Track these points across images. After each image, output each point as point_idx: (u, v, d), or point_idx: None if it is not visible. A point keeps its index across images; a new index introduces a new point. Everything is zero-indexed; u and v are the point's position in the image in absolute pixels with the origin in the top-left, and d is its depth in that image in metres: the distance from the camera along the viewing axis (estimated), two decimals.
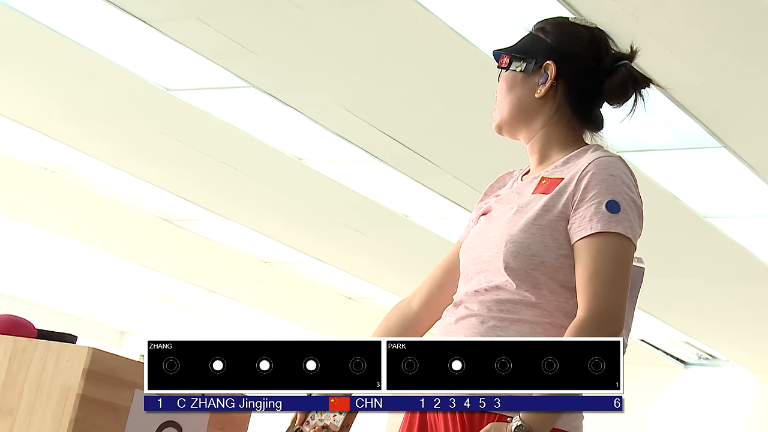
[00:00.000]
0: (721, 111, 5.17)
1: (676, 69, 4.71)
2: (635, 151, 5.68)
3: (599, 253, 1.99)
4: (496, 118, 2.23)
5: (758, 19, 4.28)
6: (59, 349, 2.53)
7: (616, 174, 2.05)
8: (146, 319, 13.24)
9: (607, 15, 4.33)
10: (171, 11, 5.01)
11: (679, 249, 7.14)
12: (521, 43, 2.22)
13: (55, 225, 9.35)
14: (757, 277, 7.42)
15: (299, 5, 4.73)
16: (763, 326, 8.60)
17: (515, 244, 2.05)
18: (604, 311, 1.96)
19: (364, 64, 5.28)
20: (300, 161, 6.71)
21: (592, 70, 2.15)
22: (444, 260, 2.33)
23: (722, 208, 6.45)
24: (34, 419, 2.47)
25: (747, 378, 10.23)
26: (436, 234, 7.64)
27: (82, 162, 7.40)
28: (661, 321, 8.90)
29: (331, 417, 2.31)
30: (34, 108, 6.51)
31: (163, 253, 9.81)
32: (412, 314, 2.29)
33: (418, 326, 2.29)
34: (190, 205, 7.99)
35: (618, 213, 2.01)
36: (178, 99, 6.02)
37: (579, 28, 2.20)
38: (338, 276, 9.38)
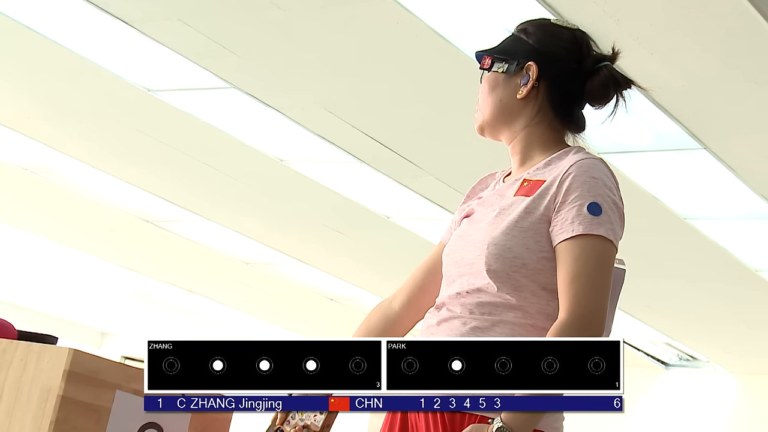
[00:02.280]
0: (702, 113, 5.19)
1: (656, 71, 4.72)
2: (616, 152, 5.70)
3: (581, 256, 2.00)
4: (478, 119, 2.23)
5: (738, 21, 4.30)
6: (40, 350, 2.52)
7: (598, 176, 2.06)
8: (127, 321, 13.20)
9: (588, 17, 4.34)
10: (152, 12, 5.00)
11: (659, 250, 7.16)
12: (503, 44, 2.22)
13: (35, 226, 9.31)
14: (737, 278, 7.45)
15: (281, 6, 4.73)
16: (743, 328, 8.63)
17: (497, 246, 2.05)
18: (586, 313, 1.96)
19: (346, 65, 5.28)
20: (282, 162, 6.71)
21: (574, 71, 2.16)
22: (425, 261, 2.34)
23: (703, 210, 6.48)
24: (15, 421, 2.46)
25: (727, 379, 10.28)
26: (418, 235, 7.65)
27: (63, 163, 7.38)
28: (641, 322, 8.93)
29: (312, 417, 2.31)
30: (13, 108, 6.49)
31: (144, 254, 9.78)
32: (393, 314, 2.30)
33: (399, 327, 2.29)
34: (171, 206, 7.97)
35: (600, 215, 2.01)
36: (158, 100, 6.01)
37: (561, 30, 2.21)
38: (320, 277, 9.37)
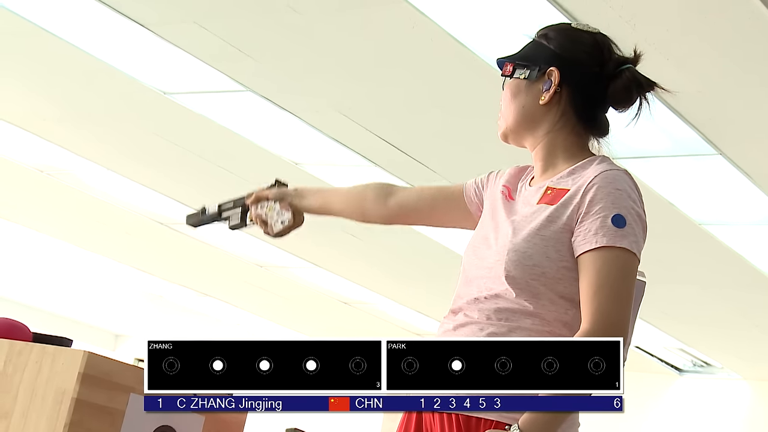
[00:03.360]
0: (718, 118, 5.18)
1: (672, 76, 4.71)
2: (631, 157, 5.68)
3: (604, 267, 1.99)
4: (502, 126, 2.23)
5: (755, 26, 4.29)
6: (55, 352, 2.53)
7: (622, 188, 2.05)
8: (141, 323, 13.23)
9: (604, 22, 4.33)
10: (168, 15, 5.01)
11: (674, 256, 7.14)
12: (524, 50, 2.22)
13: (50, 228, 9.34)
14: (752, 284, 7.42)
15: (297, 10, 4.74)
16: (757, 333, 8.60)
17: (517, 253, 2.05)
18: (609, 324, 1.95)
19: (362, 68, 5.28)
20: (297, 165, 6.71)
21: (596, 75, 2.14)
22: (440, 190, 2.40)
23: (718, 215, 6.46)
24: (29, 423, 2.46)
25: (741, 385, 10.24)
26: (433, 240, 7.64)
27: (78, 165, 7.40)
28: (656, 328, 8.91)
29: (275, 216, 2.40)
30: (29, 110, 6.51)
31: (158, 257, 9.80)
32: (381, 203, 2.45)
33: (373, 215, 2.47)
34: (186, 209, 7.97)
35: (624, 227, 2.01)
36: (174, 102, 6.02)
37: (582, 34, 2.19)
38: (334, 281, 9.37)
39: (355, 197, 2.52)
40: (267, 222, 2.55)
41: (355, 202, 2.52)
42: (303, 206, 2.57)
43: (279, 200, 2.56)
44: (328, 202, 2.58)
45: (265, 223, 2.56)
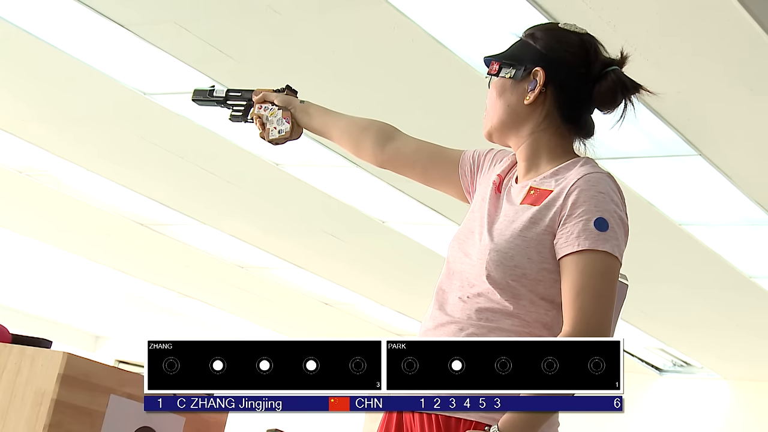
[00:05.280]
0: (697, 119, 5.20)
1: (652, 77, 4.73)
2: (611, 158, 5.70)
3: (586, 270, 2.00)
4: (486, 124, 2.23)
5: (734, 28, 4.31)
6: (34, 353, 2.52)
7: (605, 191, 2.05)
8: (121, 324, 13.19)
9: (584, 22, 4.32)
10: (148, 15, 5.00)
11: (654, 256, 7.17)
12: (511, 49, 2.22)
13: (30, 229, 9.30)
14: (731, 284, 7.45)
15: (277, 10, 4.73)
16: (737, 334, 8.64)
17: (499, 253, 2.06)
18: (591, 326, 1.96)
19: (342, 69, 5.28)
20: (277, 166, 6.71)
21: (582, 76, 2.15)
22: (440, 152, 2.43)
23: (697, 216, 6.48)
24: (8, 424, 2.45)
25: (721, 385, 10.28)
26: (414, 240, 7.65)
27: (58, 166, 7.37)
28: (636, 328, 8.93)
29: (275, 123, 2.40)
30: (9, 111, 6.48)
31: (138, 258, 9.77)
32: (379, 145, 2.49)
33: (367, 154, 2.50)
34: (167, 210, 7.96)
35: (606, 231, 2.01)
36: (155, 103, 6.01)
37: (569, 34, 2.20)
38: (315, 281, 9.37)
39: (356, 131, 2.51)
40: (265, 126, 2.57)
41: (354, 135, 2.51)
42: (304, 122, 2.58)
43: (282, 108, 2.56)
44: (329, 127, 2.56)
45: (263, 126, 2.58)
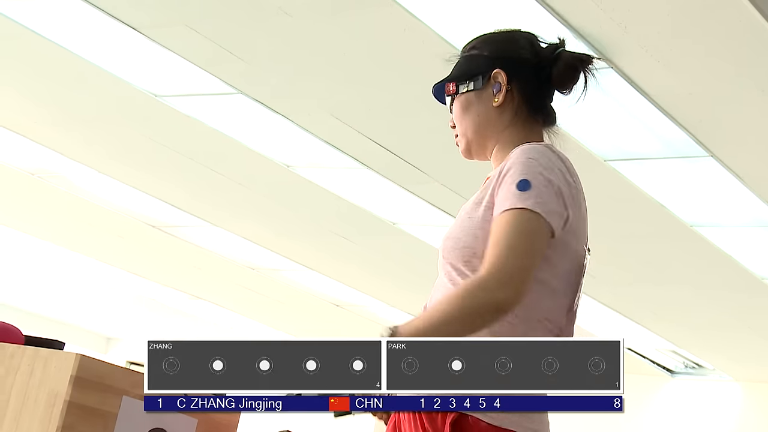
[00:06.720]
0: (709, 120, 5.19)
1: (663, 78, 4.72)
2: (622, 159, 5.69)
3: (504, 225, 2.01)
4: (462, 143, 2.28)
5: (746, 29, 4.30)
6: (47, 355, 2.52)
7: (534, 157, 2.07)
8: (133, 326, 13.21)
9: (596, 24, 4.35)
10: (159, 17, 5.01)
11: (666, 258, 7.15)
12: (458, 68, 2.26)
13: (42, 231, 9.32)
14: (743, 286, 7.44)
15: (288, 12, 4.74)
16: (749, 335, 8.62)
17: (450, 239, 2.11)
18: (503, 272, 1.95)
19: (353, 71, 5.28)
20: (288, 168, 6.71)
21: (536, 65, 2.20)
22: None
23: (709, 217, 6.47)
24: (21, 426, 2.46)
25: (733, 387, 10.26)
26: (424, 241, 7.64)
27: (70, 168, 7.39)
28: (647, 330, 8.92)
29: None
30: (21, 113, 6.50)
31: (150, 260, 9.79)
32: None
33: None
34: (178, 212, 7.98)
35: (528, 190, 2.02)
36: (166, 105, 6.02)
37: (507, 34, 2.27)
38: (326, 283, 9.37)
39: None
40: None
41: None
42: None
43: None
44: None
45: None
